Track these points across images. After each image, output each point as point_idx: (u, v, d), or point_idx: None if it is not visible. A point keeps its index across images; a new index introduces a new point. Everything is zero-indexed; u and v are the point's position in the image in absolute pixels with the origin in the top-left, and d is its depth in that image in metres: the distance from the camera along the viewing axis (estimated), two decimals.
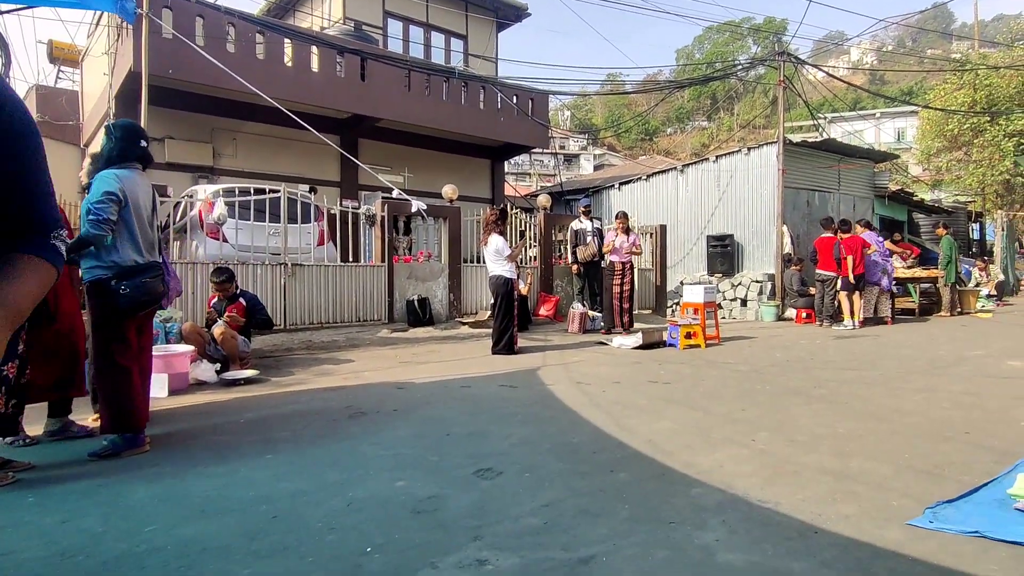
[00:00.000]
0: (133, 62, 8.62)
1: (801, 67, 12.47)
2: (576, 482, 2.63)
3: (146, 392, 3.29)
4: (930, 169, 22.13)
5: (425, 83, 12.19)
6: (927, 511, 2.24)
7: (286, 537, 2.11)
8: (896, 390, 4.57)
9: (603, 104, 51.55)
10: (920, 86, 37.32)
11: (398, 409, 4.07)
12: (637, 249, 8.51)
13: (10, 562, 1.97)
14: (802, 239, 12.14)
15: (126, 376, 3.09)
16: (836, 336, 8.32)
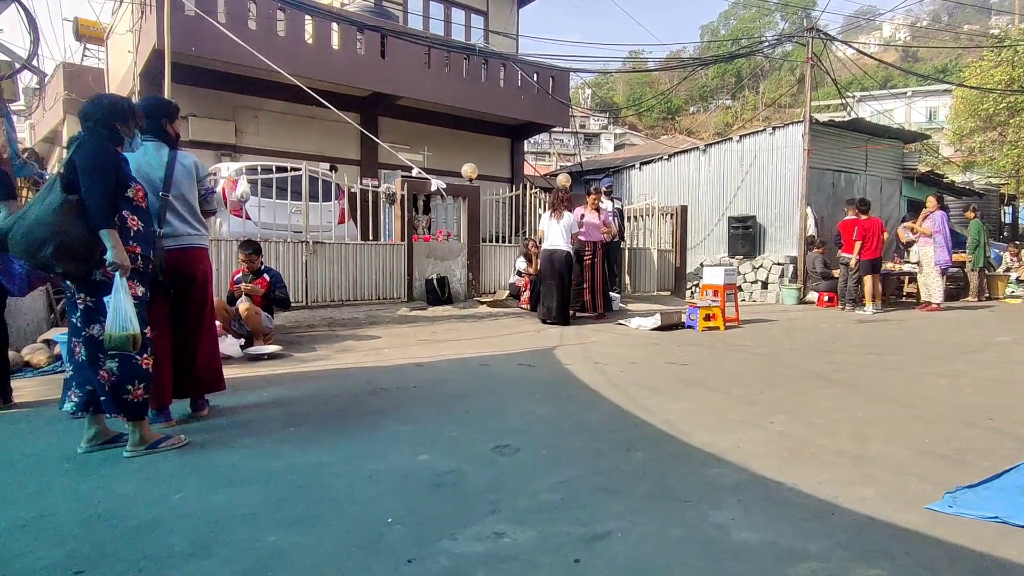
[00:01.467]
0: (156, 40, 8.69)
1: (830, 44, 12.12)
2: (593, 460, 2.66)
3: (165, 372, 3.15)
4: (962, 150, 21.46)
5: (445, 60, 12.10)
6: (946, 495, 2.23)
7: (310, 507, 2.18)
8: (918, 375, 4.52)
9: (625, 82, 50.75)
10: (955, 63, 36.05)
11: (418, 386, 4.13)
12: (607, 229, 7.97)
13: (49, 523, 2.06)
14: (826, 221, 11.92)
15: None
16: (858, 320, 8.21)
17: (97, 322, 2.68)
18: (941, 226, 9.21)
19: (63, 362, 4.78)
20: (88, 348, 2.70)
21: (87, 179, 2.62)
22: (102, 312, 2.66)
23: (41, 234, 2.53)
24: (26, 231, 2.56)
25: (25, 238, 2.56)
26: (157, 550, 1.87)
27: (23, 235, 2.57)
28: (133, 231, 2.78)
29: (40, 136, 15.10)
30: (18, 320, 5.33)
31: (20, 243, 2.58)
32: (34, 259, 2.60)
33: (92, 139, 2.71)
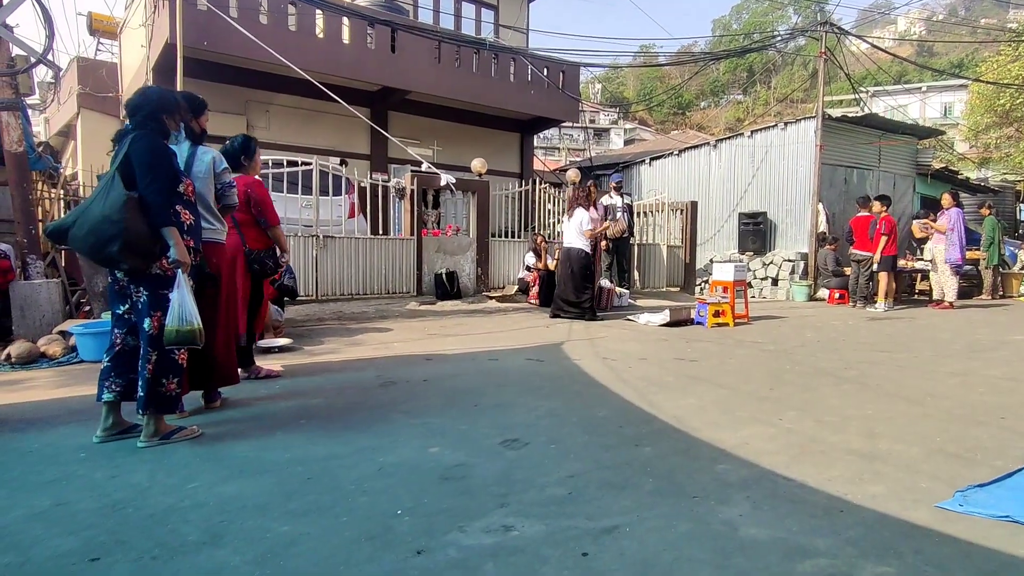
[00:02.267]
0: (169, 34, 8.74)
1: (844, 38, 11.97)
2: (601, 455, 2.66)
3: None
4: (977, 146, 21.21)
5: (455, 55, 12.08)
6: (957, 494, 2.22)
7: (320, 498, 2.20)
8: (930, 373, 4.48)
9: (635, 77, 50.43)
10: (971, 58, 35.50)
11: (427, 380, 4.15)
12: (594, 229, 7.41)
13: (65, 512, 2.10)
14: (838, 218, 11.82)
15: None
16: (869, 317, 8.15)
17: (150, 316, 2.75)
18: (956, 224, 9.10)
19: (77, 354, 4.86)
20: (147, 341, 2.76)
21: (146, 176, 2.66)
22: (156, 306, 2.74)
23: (108, 231, 2.55)
24: (92, 228, 2.58)
25: (91, 234, 2.58)
26: (171, 538, 1.90)
27: (89, 231, 2.58)
28: (186, 225, 2.85)
29: (55, 130, 15.26)
30: (34, 312, 5.41)
31: (86, 239, 2.60)
32: (99, 255, 2.64)
33: (145, 134, 2.73)
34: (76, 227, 2.61)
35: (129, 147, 2.68)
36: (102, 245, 2.56)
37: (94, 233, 2.57)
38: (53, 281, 5.73)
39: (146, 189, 2.65)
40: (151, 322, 2.75)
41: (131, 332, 2.89)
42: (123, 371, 2.84)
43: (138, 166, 2.66)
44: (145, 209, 2.65)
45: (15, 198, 5.61)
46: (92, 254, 2.67)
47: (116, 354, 2.87)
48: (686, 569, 1.73)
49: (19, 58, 5.77)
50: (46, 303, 5.47)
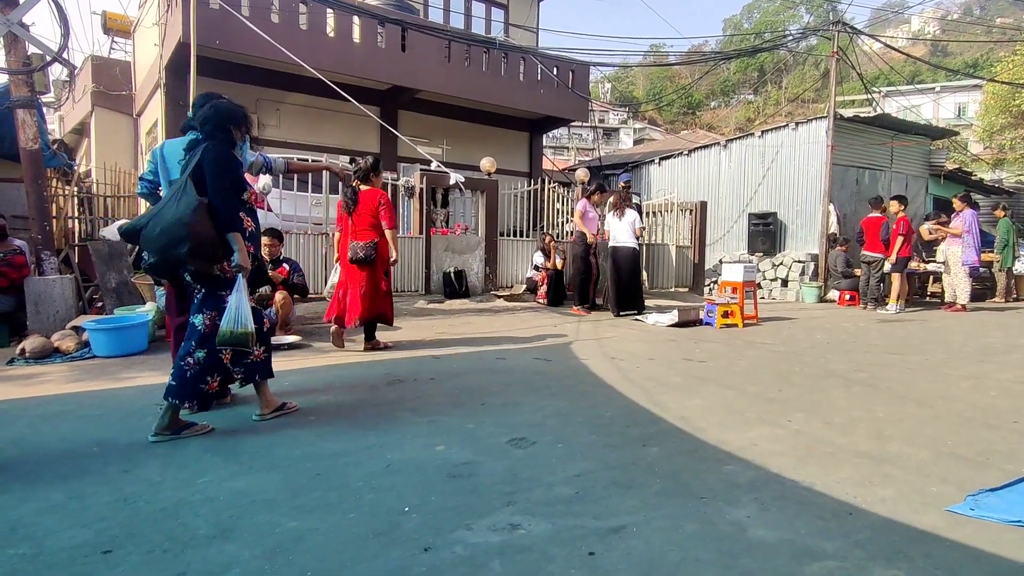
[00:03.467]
0: (182, 33, 8.81)
1: (856, 37, 11.86)
2: (608, 454, 2.66)
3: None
4: (992, 147, 20.96)
5: (465, 54, 12.10)
6: (968, 498, 2.20)
7: (328, 494, 2.22)
8: (941, 376, 4.44)
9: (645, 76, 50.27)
10: (986, 58, 35.10)
11: (435, 378, 4.17)
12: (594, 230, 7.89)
13: (79, 505, 2.13)
14: (849, 219, 11.73)
15: (172, 339, 3.26)
16: (880, 319, 8.08)
17: (204, 313, 2.88)
18: (971, 225, 9.01)
19: (90, 349, 4.92)
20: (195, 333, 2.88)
21: (216, 183, 2.83)
22: (212, 306, 2.89)
23: (179, 233, 2.69)
24: (164, 229, 2.71)
25: (163, 236, 2.72)
26: (181, 532, 1.92)
27: (161, 232, 2.72)
28: (248, 232, 2.99)
29: (69, 128, 15.42)
30: (48, 307, 5.48)
31: (157, 240, 2.73)
32: (168, 255, 2.75)
33: (216, 144, 2.89)
34: (149, 227, 2.76)
35: (202, 155, 2.84)
36: (173, 246, 2.71)
37: (166, 234, 2.71)
38: (67, 277, 5.80)
39: (215, 196, 2.82)
40: (204, 319, 2.87)
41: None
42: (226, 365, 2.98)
43: (208, 174, 2.83)
44: (213, 214, 2.80)
45: (30, 195, 5.69)
46: (160, 253, 2.78)
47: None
48: (692, 569, 1.73)
49: (35, 56, 5.84)
50: (60, 299, 5.53)
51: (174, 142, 3.28)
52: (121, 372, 4.35)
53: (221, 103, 3.06)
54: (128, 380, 4.10)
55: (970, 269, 9.08)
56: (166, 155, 3.21)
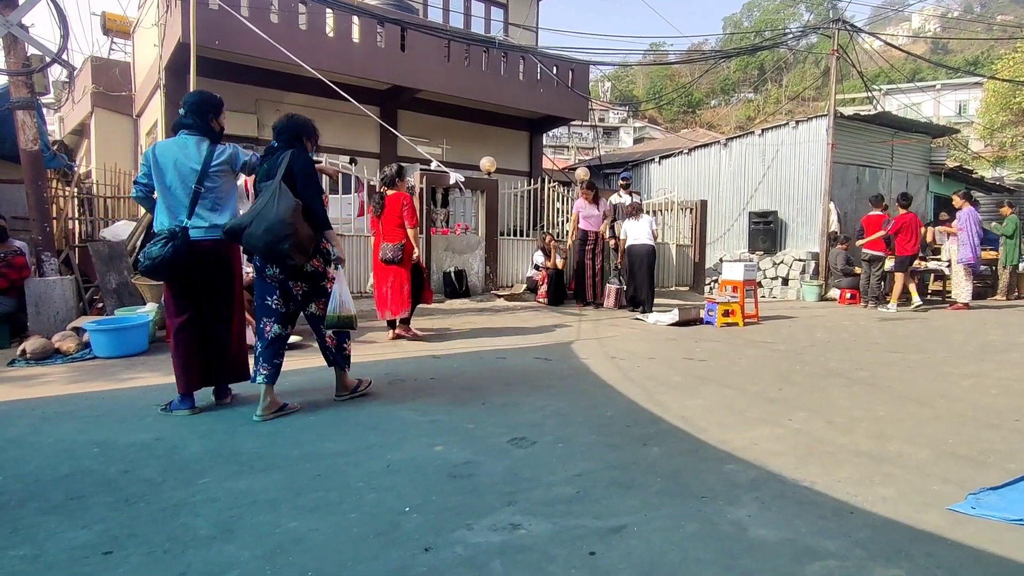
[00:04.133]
0: (181, 33, 8.81)
1: (857, 35, 11.85)
2: (608, 454, 2.66)
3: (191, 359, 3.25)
4: (993, 145, 20.94)
5: (465, 53, 12.09)
6: (969, 497, 2.20)
7: (329, 494, 2.22)
8: (941, 375, 4.44)
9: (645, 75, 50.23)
10: (987, 56, 35.06)
11: (435, 378, 4.17)
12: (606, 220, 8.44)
13: (79, 506, 2.13)
14: (849, 217, 11.72)
15: (172, 339, 3.27)
16: (881, 318, 8.08)
17: (313, 302, 3.37)
18: (966, 223, 9.02)
19: (91, 350, 4.92)
20: (313, 323, 3.40)
21: (309, 187, 3.20)
22: (318, 296, 3.36)
23: (283, 232, 2.98)
24: (268, 227, 2.98)
25: (267, 233, 2.98)
26: (182, 532, 1.92)
27: (265, 231, 2.98)
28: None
29: (69, 129, 15.42)
30: (49, 308, 5.48)
31: (262, 238, 2.99)
32: (271, 251, 3.03)
33: (301, 152, 3.27)
34: (253, 227, 3.01)
35: (291, 162, 3.19)
36: (276, 243, 2.99)
37: (270, 232, 2.98)
38: (67, 278, 5.80)
39: (310, 198, 3.17)
40: (316, 307, 3.37)
41: (280, 322, 3.29)
42: (271, 357, 3.23)
43: (301, 179, 3.18)
44: (308, 215, 3.13)
45: (30, 196, 5.69)
46: (264, 249, 3.04)
47: (269, 342, 3.25)
48: (693, 569, 1.73)
49: (34, 58, 5.84)
50: (60, 300, 5.54)
51: (166, 143, 3.29)
52: (122, 373, 4.35)
53: (296, 116, 3.40)
54: (129, 381, 4.10)
55: (969, 267, 9.07)
56: (158, 156, 3.21)
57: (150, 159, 3.22)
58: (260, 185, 3.24)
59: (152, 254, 3.11)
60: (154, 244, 3.14)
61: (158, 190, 3.24)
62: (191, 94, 3.43)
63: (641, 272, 7.94)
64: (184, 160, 3.23)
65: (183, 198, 3.22)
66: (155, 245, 3.13)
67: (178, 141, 3.27)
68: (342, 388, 3.57)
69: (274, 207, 3.01)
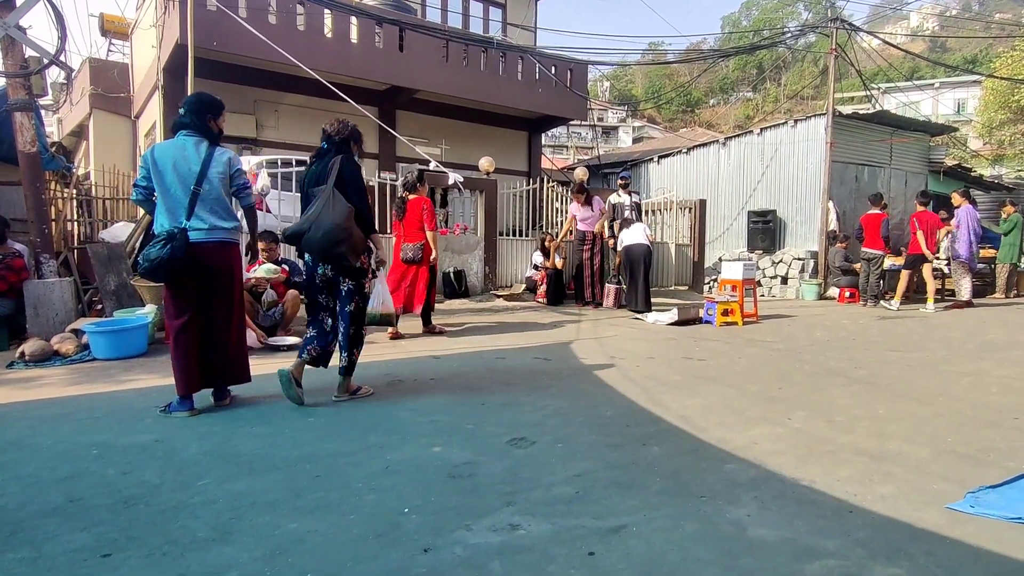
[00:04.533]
0: (179, 34, 8.81)
1: (855, 34, 11.85)
2: (608, 454, 2.66)
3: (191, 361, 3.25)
4: (991, 143, 20.95)
5: (463, 53, 12.08)
6: (968, 495, 2.20)
7: (328, 495, 2.22)
8: (941, 373, 4.44)
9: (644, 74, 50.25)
10: (985, 54, 35.09)
11: (434, 378, 4.16)
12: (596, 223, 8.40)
13: (78, 508, 2.12)
14: (848, 215, 11.72)
15: (171, 341, 3.27)
16: (880, 316, 8.08)
17: (353, 301, 3.52)
18: (963, 221, 9.05)
19: (90, 352, 4.92)
20: (346, 318, 3.51)
21: (357, 193, 3.44)
22: (359, 293, 3.54)
23: (339, 235, 3.26)
24: (326, 231, 3.25)
25: (326, 237, 3.25)
26: (181, 535, 1.92)
27: (324, 235, 3.25)
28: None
29: (67, 130, 15.41)
30: (48, 310, 5.47)
31: (321, 240, 3.26)
32: (328, 253, 3.33)
33: (350, 158, 3.52)
34: (311, 231, 3.26)
35: (341, 168, 3.41)
36: (333, 245, 3.27)
37: (327, 236, 3.25)
38: (66, 280, 5.80)
39: (360, 203, 3.43)
40: (352, 304, 3.51)
41: (330, 314, 3.58)
42: (320, 343, 3.57)
43: (351, 184, 3.42)
44: (357, 218, 3.39)
45: (28, 198, 5.68)
46: (321, 252, 3.34)
47: (320, 331, 3.57)
48: (693, 569, 1.73)
49: (32, 59, 5.83)
50: (59, 302, 5.53)
51: (165, 145, 3.28)
52: (121, 375, 4.34)
53: (347, 123, 3.60)
54: (128, 383, 4.10)
55: (963, 263, 9.10)
56: (157, 158, 3.21)
57: (149, 161, 3.22)
58: (313, 189, 3.43)
59: (151, 255, 3.10)
60: (153, 245, 3.13)
61: (158, 192, 3.23)
62: (191, 95, 3.44)
63: (640, 272, 7.94)
64: (183, 162, 3.22)
65: (182, 199, 3.21)
66: (154, 247, 3.13)
67: (177, 142, 3.27)
68: (343, 391, 3.62)
69: (330, 212, 3.26)
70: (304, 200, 3.52)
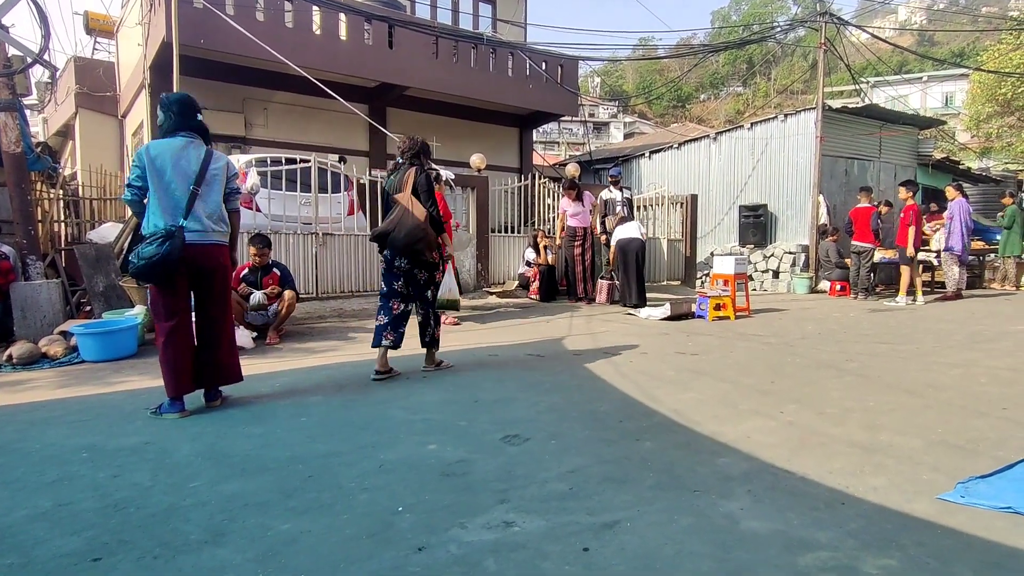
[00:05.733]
0: (165, 32, 8.71)
1: (844, 28, 11.90)
2: (602, 449, 2.66)
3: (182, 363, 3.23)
4: (979, 136, 21.13)
5: (453, 50, 12.04)
6: (959, 485, 2.22)
7: (321, 495, 2.20)
8: (931, 364, 4.47)
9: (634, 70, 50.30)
10: (972, 47, 35.36)
11: (427, 376, 4.15)
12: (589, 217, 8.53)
13: (68, 512, 2.10)
14: (838, 209, 11.79)
15: (161, 343, 3.24)
16: (871, 309, 8.13)
17: (430, 289, 4.18)
18: (955, 213, 9.07)
19: (79, 354, 4.88)
20: (424, 305, 4.16)
21: (429, 199, 4.01)
22: (432, 283, 4.19)
23: (419, 235, 3.92)
24: (408, 232, 3.89)
25: (408, 236, 3.90)
26: (173, 537, 1.90)
27: (407, 234, 3.89)
28: None
29: (53, 130, 15.24)
30: (35, 312, 5.41)
31: (404, 239, 3.91)
32: (410, 250, 3.95)
33: (423, 169, 4.07)
34: (395, 232, 3.91)
35: (416, 178, 4.00)
36: (415, 243, 3.92)
37: (410, 235, 3.90)
38: (53, 282, 5.73)
39: (432, 207, 4.00)
40: (429, 291, 4.16)
41: (404, 301, 4.12)
42: (395, 328, 4.07)
43: (425, 192, 4.00)
44: (432, 221, 3.98)
45: (14, 199, 5.61)
46: (405, 248, 3.95)
47: (394, 317, 4.06)
48: (687, 563, 1.73)
49: (15, 58, 5.75)
50: (47, 304, 5.47)
51: (161, 143, 3.24)
52: (110, 377, 4.31)
53: (416, 138, 4.19)
54: (118, 384, 4.06)
55: (954, 256, 9.12)
56: (154, 157, 3.16)
57: (145, 159, 3.16)
58: (393, 196, 4.01)
59: (146, 253, 3.04)
60: (149, 244, 3.07)
61: (154, 190, 3.16)
62: (173, 96, 3.38)
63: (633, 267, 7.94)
64: (184, 161, 3.20)
65: (180, 199, 3.18)
66: (150, 244, 3.06)
67: (176, 142, 3.23)
68: (428, 362, 4.31)
69: (411, 216, 3.89)
70: (385, 206, 4.14)
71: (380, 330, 4.04)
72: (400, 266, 4.03)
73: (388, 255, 4.04)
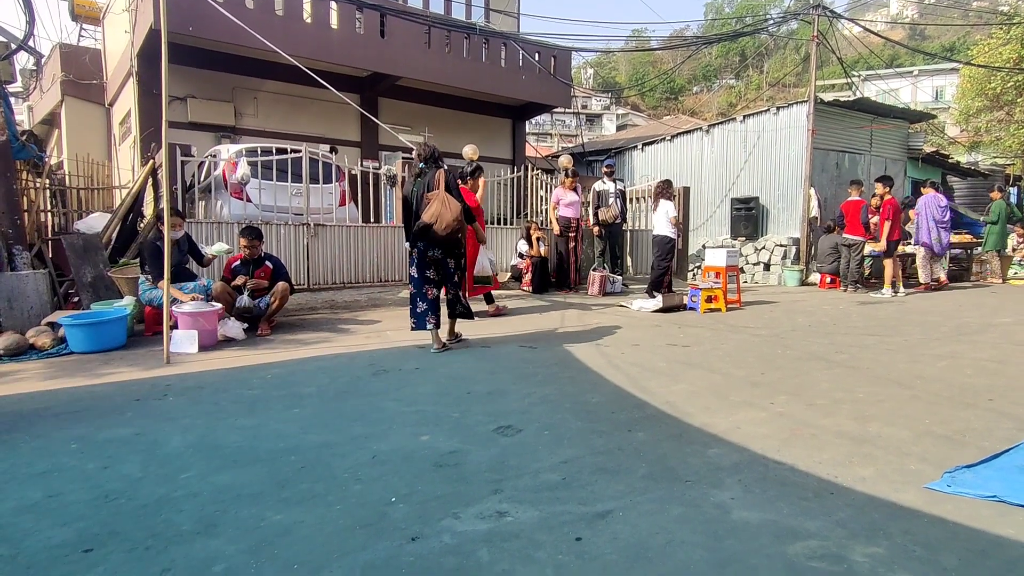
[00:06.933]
0: (153, 19, 8.59)
1: (836, 21, 11.91)
2: (594, 440, 2.68)
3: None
4: (968, 130, 21.26)
5: (446, 40, 11.94)
6: (945, 475, 2.25)
7: (314, 486, 2.20)
8: (918, 356, 4.52)
9: (627, 61, 50.16)
10: (963, 41, 35.51)
11: (420, 367, 4.15)
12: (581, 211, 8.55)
13: (57, 503, 2.09)
14: (829, 202, 11.85)
15: None
16: (860, 302, 8.20)
17: (461, 271, 4.79)
18: (922, 208, 9.41)
19: (67, 345, 4.83)
20: (455, 286, 4.76)
21: (459, 195, 4.57)
22: (463, 266, 4.82)
23: (457, 226, 4.46)
24: (447, 225, 4.37)
25: (446, 228, 4.38)
26: (164, 528, 1.89)
27: (445, 227, 4.38)
28: None
29: (39, 118, 15.00)
30: (22, 303, 5.35)
31: (443, 231, 4.39)
32: (449, 239, 4.50)
33: (448, 170, 4.64)
34: (436, 225, 4.37)
35: (447, 178, 4.57)
36: (453, 234, 4.46)
37: (448, 228, 4.40)
38: (40, 272, 5.66)
39: (460, 201, 4.53)
40: (457, 275, 4.74)
41: (437, 287, 4.69)
42: (434, 312, 4.64)
43: (454, 189, 4.56)
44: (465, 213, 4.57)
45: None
46: (444, 239, 4.47)
47: (430, 302, 4.64)
48: (678, 552, 1.74)
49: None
50: (34, 294, 5.41)
51: None
52: (99, 368, 4.27)
53: (432, 145, 4.82)
54: (107, 376, 4.03)
55: (927, 249, 9.37)
56: None
57: None
58: (427, 195, 4.48)
59: None
60: None
61: None
62: None
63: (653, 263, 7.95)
64: None
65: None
66: None
67: None
68: (451, 335, 4.91)
69: (448, 210, 4.39)
70: (416, 203, 4.55)
71: (423, 316, 4.62)
72: (434, 255, 4.59)
73: (422, 247, 4.54)
